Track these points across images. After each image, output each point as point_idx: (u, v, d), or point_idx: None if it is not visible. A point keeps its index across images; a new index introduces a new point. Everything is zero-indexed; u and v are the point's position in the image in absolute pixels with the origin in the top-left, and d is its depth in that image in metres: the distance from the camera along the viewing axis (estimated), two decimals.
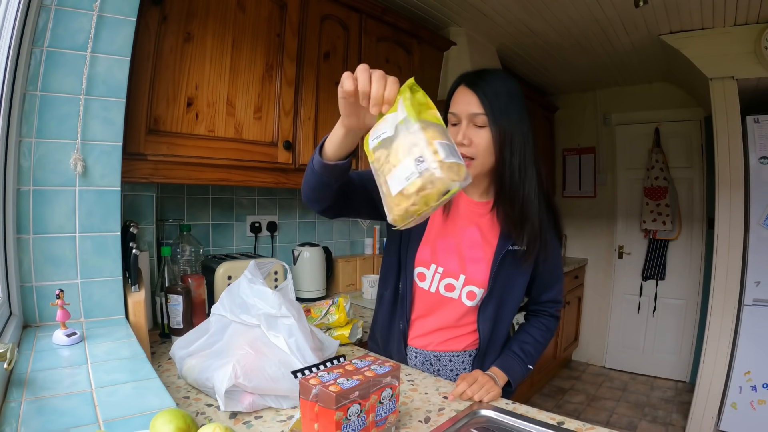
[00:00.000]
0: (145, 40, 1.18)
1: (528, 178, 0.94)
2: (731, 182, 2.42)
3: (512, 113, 0.91)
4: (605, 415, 2.80)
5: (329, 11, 1.69)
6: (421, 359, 1.10)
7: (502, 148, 0.92)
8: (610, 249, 3.68)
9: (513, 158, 0.92)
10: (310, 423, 0.66)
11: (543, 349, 1.09)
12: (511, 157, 0.92)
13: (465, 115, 0.92)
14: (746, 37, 2.30)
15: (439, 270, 1.02)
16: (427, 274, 1.03)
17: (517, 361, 1.03)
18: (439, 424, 0.81)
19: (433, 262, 1.02)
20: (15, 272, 0.90)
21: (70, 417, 0.60)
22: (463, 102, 0.92)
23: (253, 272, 0.95)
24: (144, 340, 1.00)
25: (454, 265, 1.01)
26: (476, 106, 0.90)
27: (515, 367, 1.02)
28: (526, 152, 0.94)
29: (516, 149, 0.92)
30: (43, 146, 0.93)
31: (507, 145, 0.91)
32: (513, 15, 2.34)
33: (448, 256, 1.02)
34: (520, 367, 1.03)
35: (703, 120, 3.21)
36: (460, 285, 1.01)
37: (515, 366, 1.02)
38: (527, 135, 0.94)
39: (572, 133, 3.89)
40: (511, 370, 1.01)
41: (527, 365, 1.04)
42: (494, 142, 0.91)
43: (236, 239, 1.80)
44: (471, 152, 0.92)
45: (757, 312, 2.37)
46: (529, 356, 1.05)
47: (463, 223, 1.03)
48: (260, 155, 1.47)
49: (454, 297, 1.03)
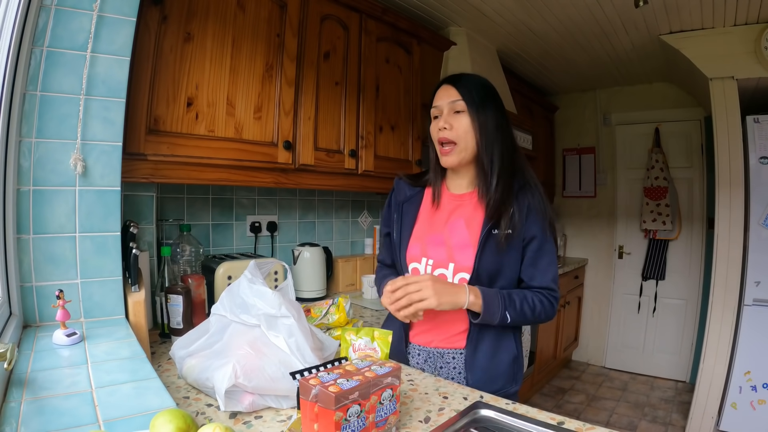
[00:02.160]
0: (145, 40, 1.18)
1: (506, 163, 1.01)
2: (731, 182, 2.42)
3: (488, 104, 1.01)
4: (605, 415, 2.80)
5: (329, 11, 1.69)
6: (424, 356, 1.10)
7: (481, 131, 1.00)
8: (610, 249, 3.68)
9: (491, 142, 1.00)
10: (310, 423, 0.66)
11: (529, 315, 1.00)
12: (491, 140, 1.00)
13: (445, 104, 1.02)
14: (746, 37, 2.30)
15: (430, 262, 1.06)
16: (420, 268, 1.08)
17: (500, 299, 0.97)
18: (439, 424, 0.80)
19: (423, 255, 1.07)
20: (15, 272, 0.90)
21: (70, 417, 0.60)
22: (443, 95, 1.03)
23: (253, 272, 0.95)
24: (144, 340, 1.00)
25: (443, 255, 1.05)
26: (455, 95, 1.01)
27: (495, 300, 0.97)
28: (503, 138, 1.02)
29: (492, 134, 1.00)
30: (43, 146, 0.93)
31: (484, 130, 1.00)
32: (513, 15, 2.34)
33: (437, 248, 1.06)
34: (499, 304, 0.97)
35: (703, 120, 3.21)
36: (450, 273, 1.04)
37: (496, 300, 0.97)
38: (503, 125, 1.03)
39: (572, 133, 3.89)
40: (491, 301, 0.96)
41: (506, 311, 0.97)
42: (472, 126, 1.00)
43: (236, 239, 1.80)
44: (453, 136, 1.01)
45: (757, 312, 2.37)
46: (512, 305, 0.98)
47: (447, 216, 1.09)
48: (260, 155, 1.47)
49: None
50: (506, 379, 1.07)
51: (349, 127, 1.79)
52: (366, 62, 1.85)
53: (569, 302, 3.41)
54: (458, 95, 1.01)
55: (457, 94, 1.01)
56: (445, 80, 1.06)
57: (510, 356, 1.07)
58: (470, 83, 1.03)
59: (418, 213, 1.13)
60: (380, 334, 0.95)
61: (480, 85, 1.03)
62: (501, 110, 1.04)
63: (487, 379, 1.05)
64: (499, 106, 1.04)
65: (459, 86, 1.02)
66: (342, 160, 1.76)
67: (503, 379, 1.06)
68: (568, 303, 3.39)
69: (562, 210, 3.96)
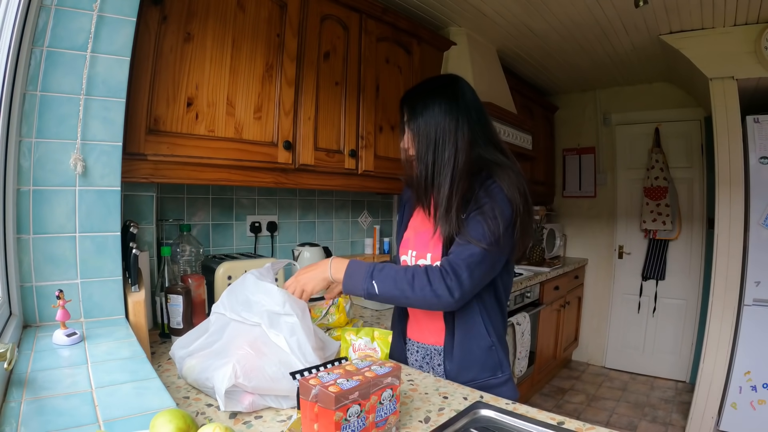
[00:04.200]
0: (145, 40, 1.18)
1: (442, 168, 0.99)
2: (731, 182, 2.42)
3: (427, 112, 1.00)
4: (605, 415, 2.80)
5: (329, 11, 1.69)
6: (423, 353, 1.12)
7: (416, 146, 1.02)
8: (610, 249, 3.68)
9: (427, 154, 1.00)
10: (310, 423, 0.66)
11: (405, 286, 0.92)
12: (425, 152, 1.01)
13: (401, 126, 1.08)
14: (746, 37, 2.30)
15: (413, 253, 1.11)
16: (407, 259, 1.13)
17: (366, 269, 0.95)
18: (439, 424, 0.80)
19: (410, 248, 1.13)
20: (15, 272, 0.90)
21: (70, 417, 0.60)
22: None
23: (265, 272, 0.95)
24: (144, 340, 1.00)
25: (423, 247, 1.09)
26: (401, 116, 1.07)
27: (360, 270, 0.95)
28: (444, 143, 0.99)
29: (430, 144, 1.00)
30: (43, 146, 0.93)
31: (421, 143, 1.01)
32: (513, 15, 2.34)
33: (420, 241, 1.11)
34: (365, 272, 0.94)
35: (703, 120, 3.21)
36: (428, 263, 1.06)
37: (361, 269, 0.95)
38: (450, 125, 0.99)
39: (572, 133, 3.89)
40: (355, 270, 0.95)
41: (372, 279, 0.93)
42: (410, 142, 1.04)
43: (236, 239, 1.80)
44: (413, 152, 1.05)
45: (757, 312, 2.37)
46: (383, 274, 0.93)
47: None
48: (260, 155, 1.47)
49: None
50: (480, 367, 1.05)
51: (349, 127, 1.79)
52: (366, 62, 1.84)
53: (569, 302, 3.41)
54: (400, 115, 1.07)
55: (400, 114, 1.07)
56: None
57: (483, 344, 1.05)
58: (411, 97, 1.06)
59: (413, 213, 1.19)
60: (380, 334, 0.95)
61: (418, 94, 1.05)
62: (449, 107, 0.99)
63: (459, 369, 1.05)
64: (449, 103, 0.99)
65: (403, 105, 1.07)
66: (342, 160, 1.76)
67: (477, 368, 1.05)
68: (568, 303, 3.39)
69: (562, 210, 3.96)
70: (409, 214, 1.19)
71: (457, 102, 1.01)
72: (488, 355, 1.06)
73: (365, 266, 0.96)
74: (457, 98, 1.01)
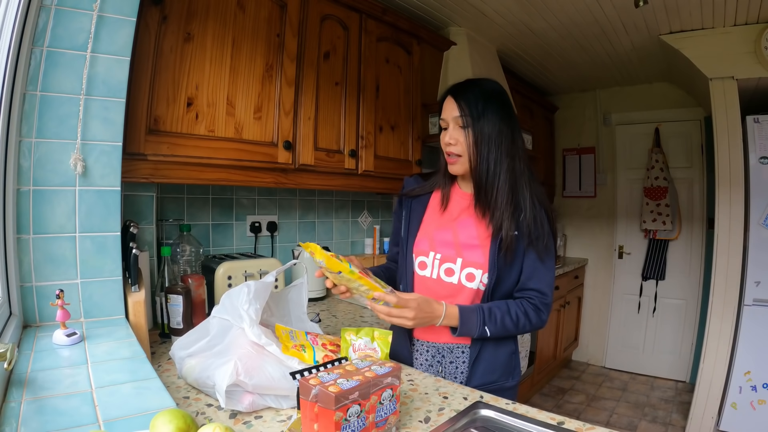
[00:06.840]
0: (145, 40, 1.18)
1: (503, 171, 1.03)
2: (731, 182, 2.42)
3: (488, 114, 1.03)
4: (605, 415, 2.80)
5: (329, 11, 1.69)
6: (432, 352, 1.12)
7: (478, 145, 1.03)
8: (610, 249, 3.68)
9: (489, 154, 1.03)
10: (310, 423, 0.66)
11: (510, 327, 1.03)
12: (488, 153, 1.03)
13: (450, 119, 1.06)
14: (746, 37, 2.30)
15: (437, 256, 1.10)
16: (427, 261, 1.11)
17: (478, 315, 1.01)
18: (439, 424, 0.81)
19: (432, 250, 1.11)
20: (15, 272, 0.90)
21: (70, 417, 0.60)
22: (447, 109, 1.07)
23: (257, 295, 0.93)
24: (144, 340, 1.00)
25: (451, 251, 1.08)
26: (457, 110, 1.04)
27: (472, 317, 1.01)
28: (502, 147, 1.03)
29: (492, 145, 1.02)
30: (43, 146, 0.93)
31: (483, 143, 1.02)
32: (513, 15, 2.34)
33: (445, 243, 1.10)
34: (477, 320, 1.01)
35: (703, 120, 3.21)
36: (458, 268, 1.07)
37: (473, 317, 1.01)
38: (506, 132, 1.04)
39: (572, 133, 3.89)
40: (467, 318, 1.01)
41: (485, 326, 1.01)
42: (473, 140, 1.03)
43: (236, 239, 1.80)
44: (458, 150, 1.05)
45: (757, 312, 2.37)
46: (492, 319, 1.02)
47: (456, 213, 1.12)
48: (260, 155, 1.47)
49: (454, 282, 1.07)
50: (502, 371, 1.11)
51: (349, 127, 1.79)
52: (366, 62, 1.84)
53: (569, 302, 3.41)
54: (459, 111, 1.04)
55: (458, 109, 1.04)
56: (450, 91, 1.08)
57: (508, 350, 1.12)
58: (471, 95, 1.04)
59: (426, 212, 1.17)
60: (380, 334, 0.95)
61: (481, 94, 1.04)
62: (505, 114, 1.05)
63: (485, 371, 1.09)
64: (504, 110, 1.05)
65: (460, 100, 1.05)
66: (342, 160, 1.76)
67: (500, 372, 1.10)
68: (568, 303, 3.39)
69: (562, 210, 3.96)
70: (419, 215, 1.16)
71: (513, 110, 1.09)
72: (510, 359, 1.12)
73: (476, 315, 1.01)
74: (512, 107, 1.09)
